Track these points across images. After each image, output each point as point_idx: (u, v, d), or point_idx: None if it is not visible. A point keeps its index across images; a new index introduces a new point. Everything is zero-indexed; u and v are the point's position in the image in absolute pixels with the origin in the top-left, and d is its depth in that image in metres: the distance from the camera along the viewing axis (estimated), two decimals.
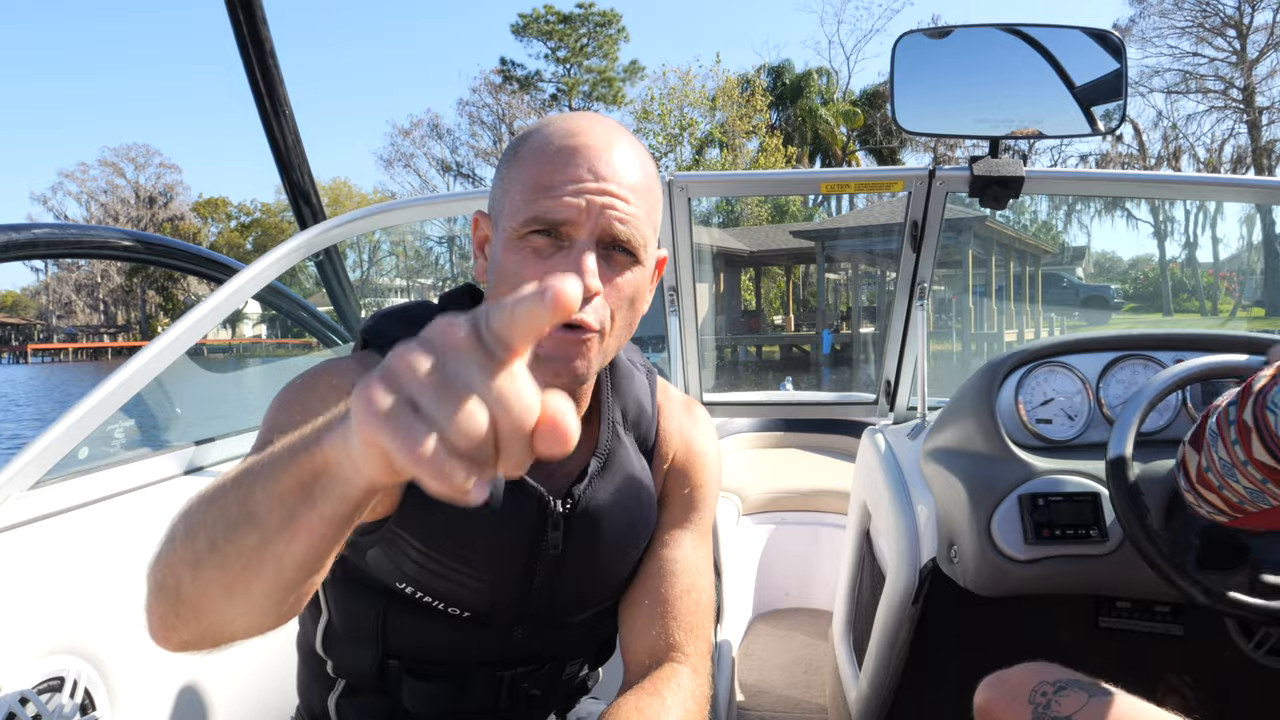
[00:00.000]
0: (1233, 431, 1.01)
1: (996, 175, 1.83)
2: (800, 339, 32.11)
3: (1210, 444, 1.05)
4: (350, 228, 2.08)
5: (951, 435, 1.66)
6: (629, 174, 0.89)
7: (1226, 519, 1.11)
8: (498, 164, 0.95)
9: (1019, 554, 1.43)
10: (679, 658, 1.02)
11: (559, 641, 1.07)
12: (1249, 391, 1.00)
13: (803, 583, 3.03)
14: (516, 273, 0.87)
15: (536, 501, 0.97)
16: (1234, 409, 1.02)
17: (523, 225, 0.87)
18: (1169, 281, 38.87)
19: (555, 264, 0.86)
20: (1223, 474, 1.04)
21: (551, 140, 0.89)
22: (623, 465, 1.03)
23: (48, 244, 1.62)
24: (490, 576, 0.97)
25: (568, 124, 0.90)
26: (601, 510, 1.00)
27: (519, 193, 0.88)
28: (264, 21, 1.95)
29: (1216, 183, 2.08)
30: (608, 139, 0.89)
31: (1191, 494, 1.12)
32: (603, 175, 0.87)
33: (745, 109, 39.54)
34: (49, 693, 1.16)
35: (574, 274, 0.82)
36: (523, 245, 0.87)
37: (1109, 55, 1.82)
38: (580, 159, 0.87)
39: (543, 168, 0.87)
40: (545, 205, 0.86)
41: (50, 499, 1.37)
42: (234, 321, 42.95)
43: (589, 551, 1.00)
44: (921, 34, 1.90)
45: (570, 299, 0.47)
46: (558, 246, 0.87)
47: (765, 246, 33.09)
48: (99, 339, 55.32)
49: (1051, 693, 1.10)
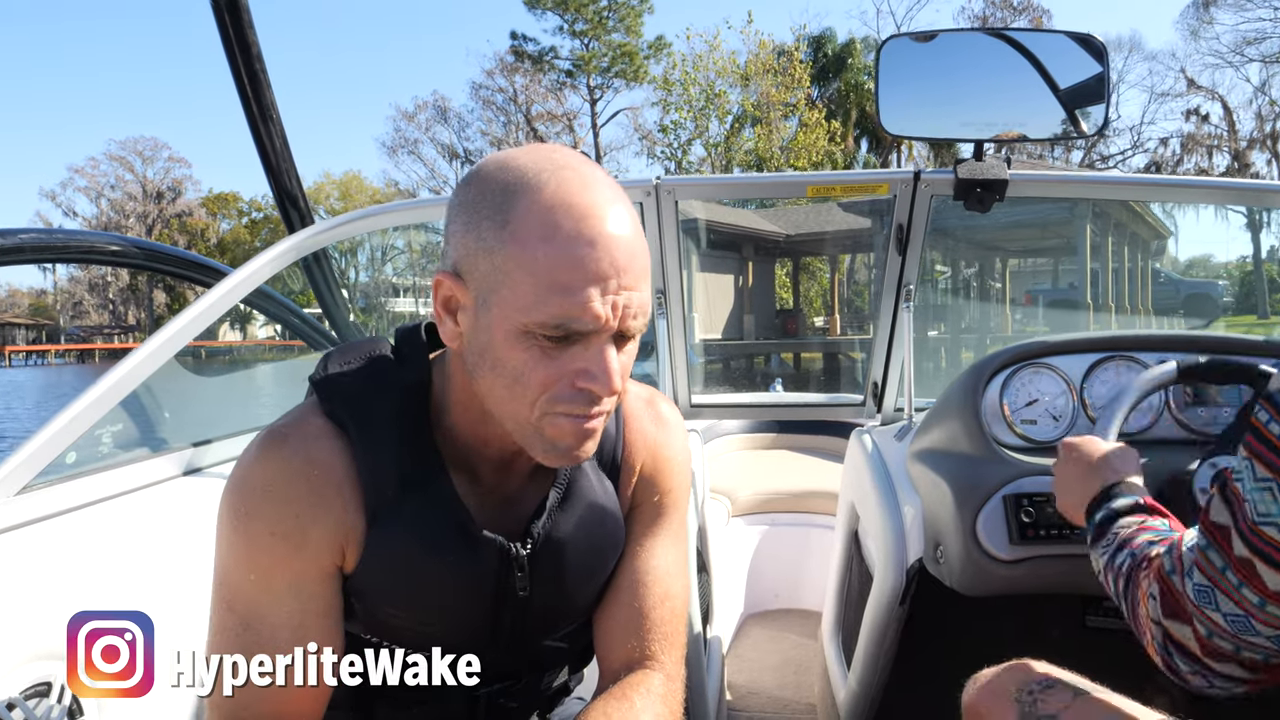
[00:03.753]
0: (1233, 576, 0.84)
1: (981, 178, 1.84)
2: (845, 344, 24.46)
3: (1201, 607, 0.87)
4: (338, 231, 2.08)
5: (937, 436, 1.67)
6: (638, 255, 0.83)
7: (1248, 686, 0.90)
8: (466, 212, 0.83)
9: (1004, 554, 1.44)
10: (654, 665, 1.01)
11: (535, 658, 1.06)
12: (1217, 529, 0.85)
13: (793, 584, 3.03)
14: (520, 369, 0.82)
15: (496, 550, 0.94)
16: (1217, 555, 0.85)
17: (537, 326, 0.80)
18: (1264, 280, 31.69)
19: (569, 361, 0.82)
20: (1236, 633, 0.85)
21: (559, 223, 0.79)
22: (584, 494, 0.99)
23: (34, 249, 1.62)
24: (456, 625, 0.96)
25: (567, 195, 0.80)
26: (565, 542, 0.97)
27: (525, 283, 0.79)
28: (251, 26, 1.96)
29: (1216, 186, 2.07)
30: (612, 212, 0.81)
31: (1200, 672, 0.91)
32: (621, 268, 0.80)
33: (783, 78, 33.64)
34: (36, 698, 1.16)
35: (605, 376, 0.82)
36: (530, 341, 0.81)
37: (1092, 59, 1.84)
38: (599, 254, 0.79)
39: (557, 263, 0.78)
40: (570, 314, 0.79)
41: (37, 504, 1.37)
42: (243, 323, 42.41)
43: (556, 584, 0.98)
44: (907, 38, 1.92)
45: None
46: (570, 344, 0.82)
47: (805, 230, 25.96)
48: (97, 340, 54.62)
49: (1038, 691, 1.11)
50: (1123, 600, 1.00)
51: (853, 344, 23.75)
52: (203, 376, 2.72)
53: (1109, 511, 1.10)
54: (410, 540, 0.90)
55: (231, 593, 0.88)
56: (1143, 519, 1.06)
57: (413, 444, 0.92)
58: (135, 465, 1.62)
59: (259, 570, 0.87)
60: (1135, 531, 1.04)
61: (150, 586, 1.44)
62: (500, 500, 0.98)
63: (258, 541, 0.87)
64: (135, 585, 1.42)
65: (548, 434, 0.85)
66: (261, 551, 0.87)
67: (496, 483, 0.97)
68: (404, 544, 0.90)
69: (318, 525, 0.88)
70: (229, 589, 0.89)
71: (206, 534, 0.92)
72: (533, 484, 0.99)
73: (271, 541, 0.87)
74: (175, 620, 1.45)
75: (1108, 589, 1.04)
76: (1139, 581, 0.96)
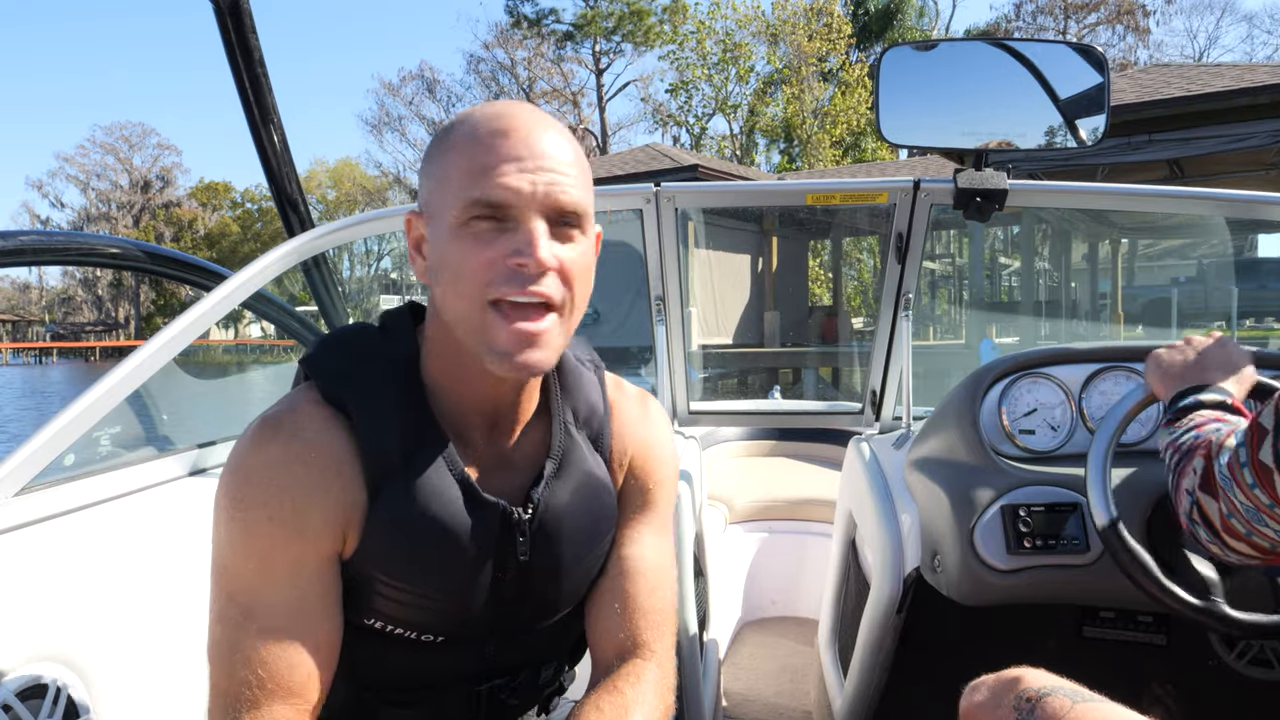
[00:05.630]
0: (1248, 474, 0.94)
1: (980, 188, 1.85)
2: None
3: (1225, 489, 0.98)
4: (338, 235, 2.08)
5: (935, 445, 1.68)
6: (563, 150, 0.89)
7: (1260, 562, 1.04)
8: (426, 160, 0.93)
9: (1001, 564, 1.44)
10: (645, 654, 1.02)
11: (531, 649, 1.07)
12: (1259, 430, 0.93)
13: (790, 591, 3.03)
14: (461, 261, 0.86)
15: (499, 514, 0.96)
16: (1244, 450, 0.94)
17: (464, 210, 0.86)
18: None
19: (503, 245, 0.86)
20: (1249, 520, 0.97)
21: (480, 125, 0.88)
22: (578, 464, 1.02)
23: (34, 251, 1.62)
24: (460, 597, 0.96)
25: (492, 109, 0.90)
26: (563, 511, 1.00)
27: (455, 180, 0.87)
28: (253, 30, 1.96)
29: (1234, 199, 2.04)
30: (537, 120, 0.89)
31: (1218, 544, 1.04)
32: (540, 152, 0.87)
33: (820, 31, 30.02)
34: (32, 699, 1.15)
35: (530, 248, 0.85)
36: (464, 233, 0.86)
37: (1092, 69, 1.85)
38: (515, 138, 0.87)
39: (476, 152, 0.86)
40: (486, 186, 0.85)
41: (35, 505, 1.37)
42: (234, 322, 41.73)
43: (555, 554, 1.00)
44: (908, 47, 1.93)
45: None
46: (503, 229, 0.86)
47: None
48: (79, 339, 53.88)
49: (1035, 699, 1.11)
50: (1171, 472, 1.09)
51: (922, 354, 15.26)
52: (200, 379, 2.72)
53: (1195, 401, 1.16)
54: (415, 508, 0.91)
55: (231, 581, 0.88)
56: (1220, 414, 1.13)
57: (411, 413, 0.93)
58: (137, 467, 1.62)
59: (258, 557, 0.88)
60: (1209, 420, 1.11)
61: (150, 588, 1.44)
62: (494, 464, 0.99)
63: (256, 528, 0.87)
64: (135, 587, 1.42)
65: (490, 335, 0.87)
66: (260, 537, 0.87)
67: (487, 444, 0.99)
68: (409, 512, 0.91)
69: (316, 509, 0.89)
70: (229, 578, 0.89)
71: (208, 536, 0.92)
72: (522, 452, 1.01)
73: (270, 527, 0.87)
74: (176, 621, 1.46)
75: (1163, 459, 1.13)
76: (1192, 456, 1.05)
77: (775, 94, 32.10)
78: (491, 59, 41.00)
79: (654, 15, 36.79)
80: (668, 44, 33.04)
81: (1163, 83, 11.89)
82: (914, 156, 23.10)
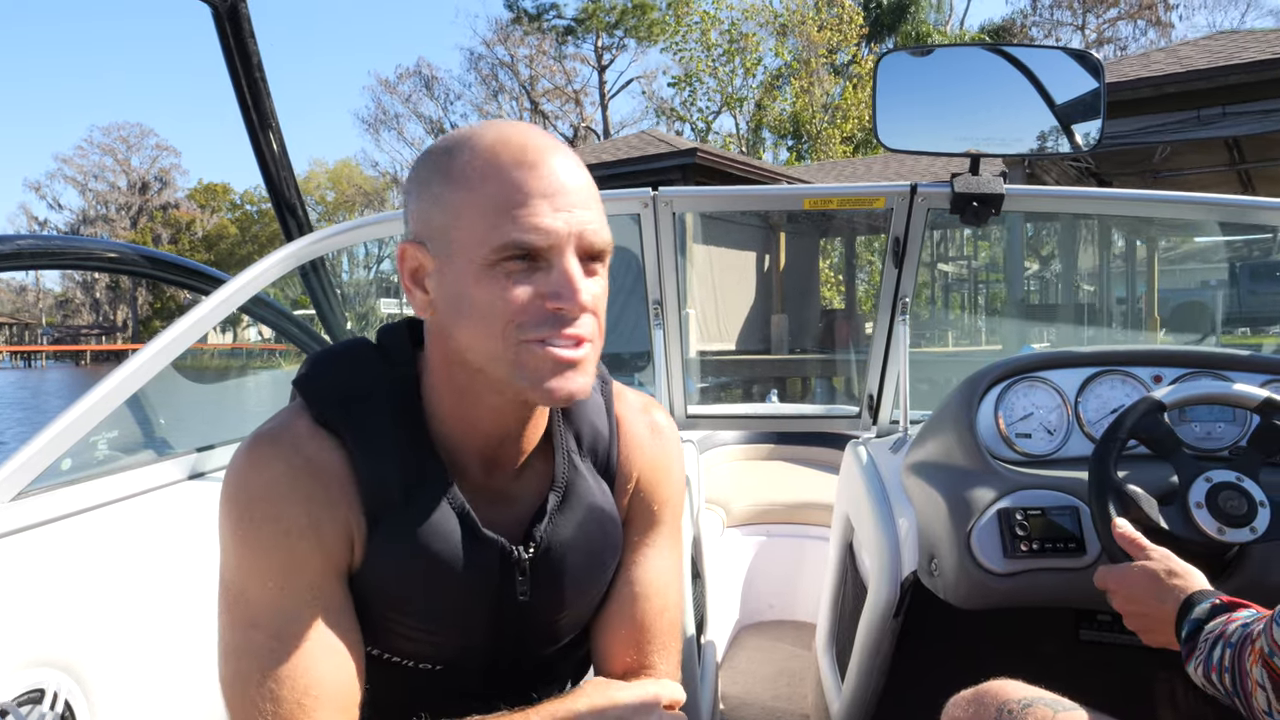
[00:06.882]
0: None
1: (977, 192, 1.85)
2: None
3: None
4: (336, 240, 2.08)
5: (932, 449, 1.68)
6: (584, 180, 0.86)
7: None
8: (418, 184, 0.87)
9: (998, 567, 1.44)
10: (652, 674, 1.02)
11: (534, 673, 1.04)
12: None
13: (787, 595, 3.03)
14: (491, 303, 0.82)
15: (498, 552, 0.93)
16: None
17: (495, 253, 0.81)
18: None
19: (537, 285, 0.83)
20: None
21: (499, 155, 0.83)
22: (583, 497, 0.98)
23: (32, 255, 1.62)
24: (457, 630, 0.94)
25: (499, 134, 0.85)
26: (565, 547, 0.96)
27: (478, 219, 0.82)
28: (251, 35, 1.96)
29: (1227, 203, 2.05)
30: (553, 148, 0.86)
31: None
32: (567, 187, 0.83)
33: (830, 22, 29.08)
34: (29, 705, 1.15)
35: (570, 292, 0.82)
36: (494, 273, 0.82)
37: (1089, 75, 1.86)
38: (540, 172, 0.83)
39: (502, 188, 0.82)
40: (522, 229, 0.81)
41: (32, 510, 1.37)
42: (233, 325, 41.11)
43: (557, 590, 0.97)
44: (905, 53, 1.94)
45: None
46: (535, 268, 0.83)
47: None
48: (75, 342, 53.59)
49: (1018, 710, 1.11)
50: (1235, 697, 0.99)
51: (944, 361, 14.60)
52: (197, 383, 2.72)
53: (1193, 623, 1.07)
54: (413, 542, 0.88)
55: (252, 609, 0.84)
56: (1226, 616, 1.04)
57: (411, 445, 0.90)
58: (135, 470, 1.62)
59: (278, 575, 0.84)
60: (1225, 623, 1.03)
61: (149, 593, 1.44)
62: (495, 496, 0.96)
63: (273, 544, 0.84)
64: (133, 592, 1.42)
65: (527, 366, 0.83)
66: (279, 552, 0.84)
67: (488, 475, 0.95)
68: (407, 546, 0.88)
69: (328, 520, 0.86)
70: (248, 605, 0.84)
71: (209, 537, 0.91)
72: (524, 484, 0.98)
73: (288, 541, 0.84)
74: (174, 626, 1.45)
75: (1219, 692, 1.01)
76: (1246, 671, 0.95)
77: (783, 88, 31.34)
78: (492, 56, 40.11)
79: (657, 9, 35.55)
80: (671, 36, 32.00)
81: (1236, 48, 10.20)
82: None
